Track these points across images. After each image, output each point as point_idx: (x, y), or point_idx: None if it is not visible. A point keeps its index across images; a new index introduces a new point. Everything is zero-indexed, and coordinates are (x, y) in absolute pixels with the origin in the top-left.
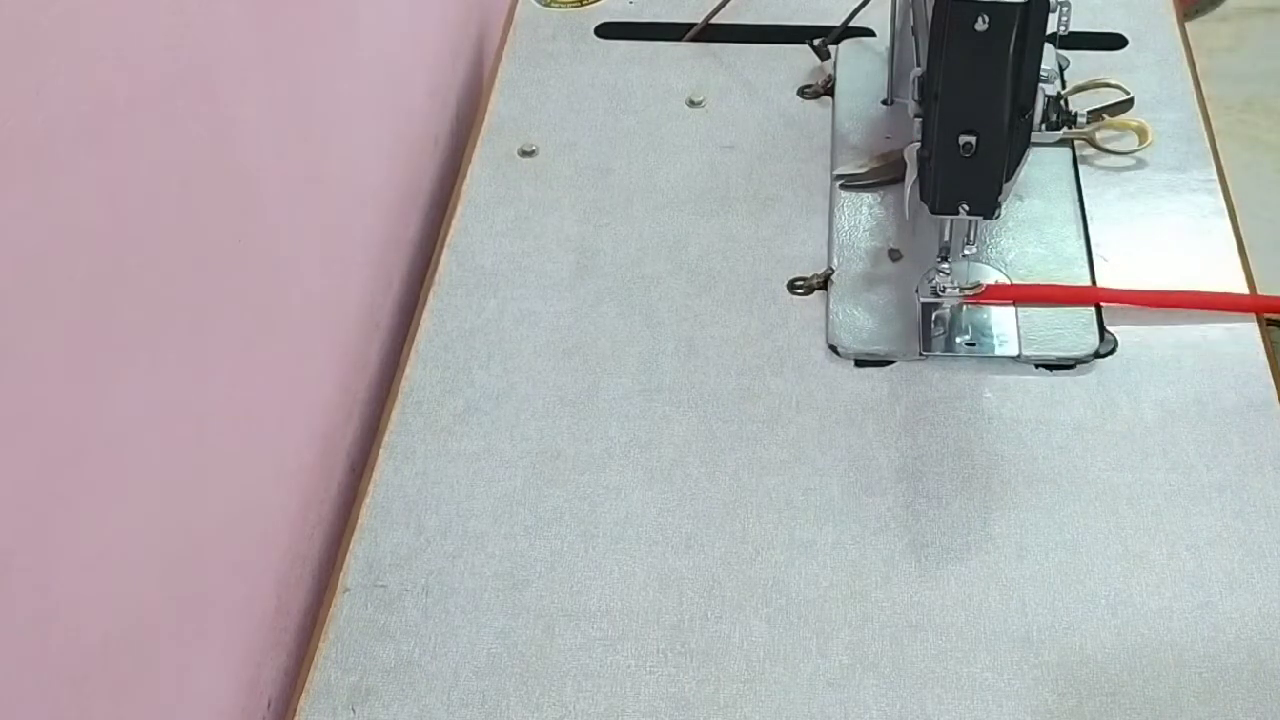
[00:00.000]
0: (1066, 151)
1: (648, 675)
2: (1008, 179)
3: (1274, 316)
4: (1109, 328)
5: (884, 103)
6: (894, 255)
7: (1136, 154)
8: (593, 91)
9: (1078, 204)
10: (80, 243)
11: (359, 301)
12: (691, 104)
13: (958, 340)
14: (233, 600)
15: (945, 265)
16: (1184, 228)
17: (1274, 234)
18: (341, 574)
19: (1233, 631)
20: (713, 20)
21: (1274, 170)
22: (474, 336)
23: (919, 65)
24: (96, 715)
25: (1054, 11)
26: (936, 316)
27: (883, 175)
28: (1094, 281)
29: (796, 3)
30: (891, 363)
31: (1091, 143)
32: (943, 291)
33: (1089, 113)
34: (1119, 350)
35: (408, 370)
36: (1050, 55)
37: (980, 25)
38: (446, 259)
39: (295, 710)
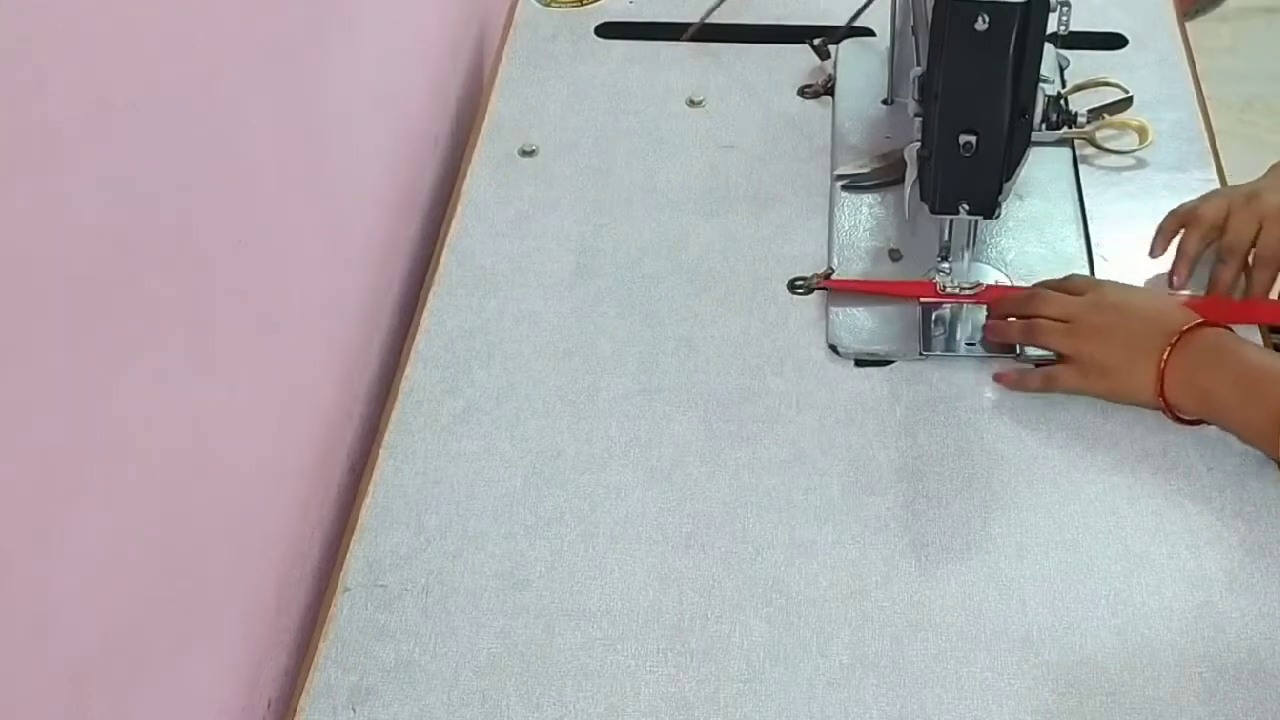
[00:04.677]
0: (1066, 151)
1: (648, 675)
2: (1008, 179)
3: (1275, 325)
4: None
5: (884, 103)
6: (894, 255)
7: (1136, 153)
8: (593, 91)
9: (1078, 204)
10: (80, 243)
11: (359, 301)
12: (691, 104)
13: (958, 340)
14: (233, 600)
15: (945, 265)
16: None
17: None
18: (341, 574)
19: (1233, 631)
20: (713, 20)
21: None
22: (474, 336)
23: (919, 65)
24: (96, 715)
25: (1054, 11)
26: (936, 316)
27: (883, 175)
28: None
29: (796, 3)
30: (891, 363)
31: (1091, 142)
32: (943, 291)
33: (1089, 112)
34: None
35: (408, 370)
36: (1050, 55)
37: (980, 25)
38: (446, 259)
39: (295, 710)
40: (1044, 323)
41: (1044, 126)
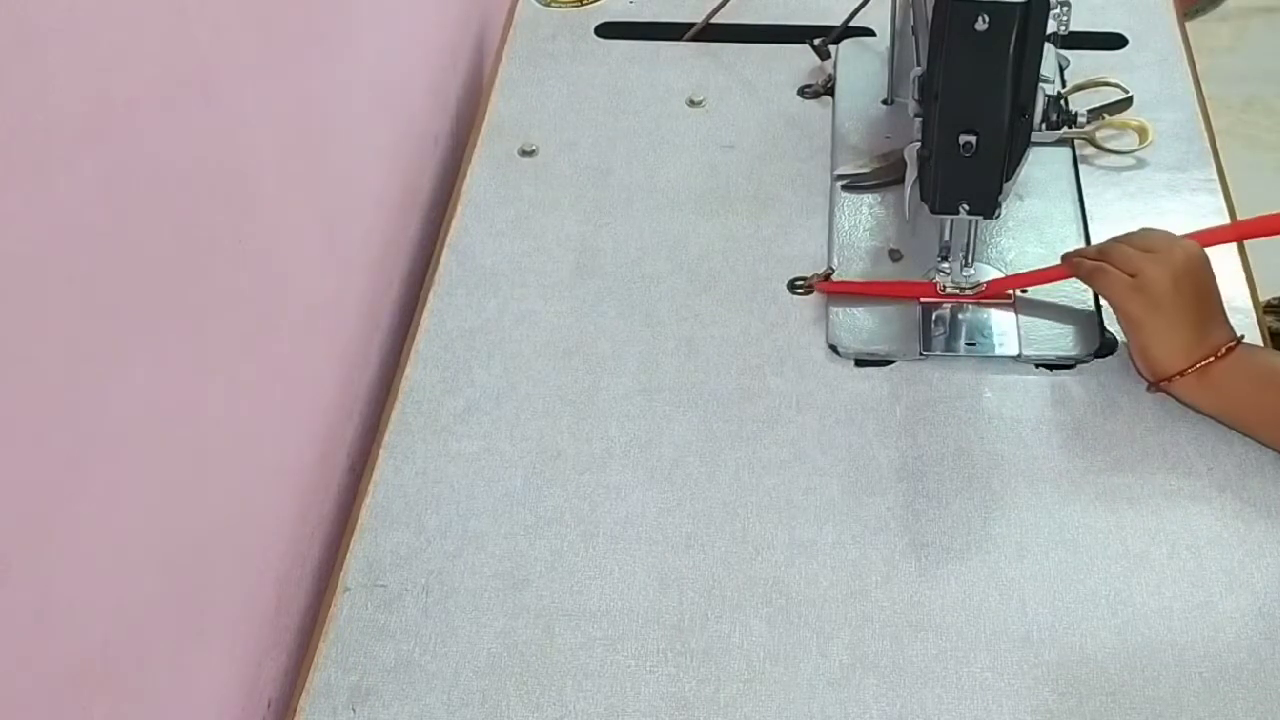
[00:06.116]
0: (1066, 151)
1: (648, 675)
2: (1008, 179)
3: (1272, 305)
4: (1109, 328)
5: (884, 103)
6: (894, 255)
7: (1136, 153)
8: (593, 91)
9: (1078, 204)
10: (80, 243)
11: (359, 301)
12: (691, 104)
13: (958, 340)
14: (233, 600)
15: (945, 265)
16: (1184, 227)
17: None
18: (341, 574)
19: (1233, 631)
20: (713, 20)
21: (1274, 170)
22: (474, 336)
23: (919, 65)
24: (96, 715)
25: (1054, 10)
26: (936, 316)
27: (883, 175)
28: None
29: (796, 3)
30: (891, 363)
31: (1092, 142)
32: (943, 291)
33: (1089, 112)
34: (1119, 350)
35: (408, 370)
36: (1050, 55)
37: (980, 25)
38: (446, 259)
39: (295, 710)
40: (1110, 271)
41: (1044, 126)
